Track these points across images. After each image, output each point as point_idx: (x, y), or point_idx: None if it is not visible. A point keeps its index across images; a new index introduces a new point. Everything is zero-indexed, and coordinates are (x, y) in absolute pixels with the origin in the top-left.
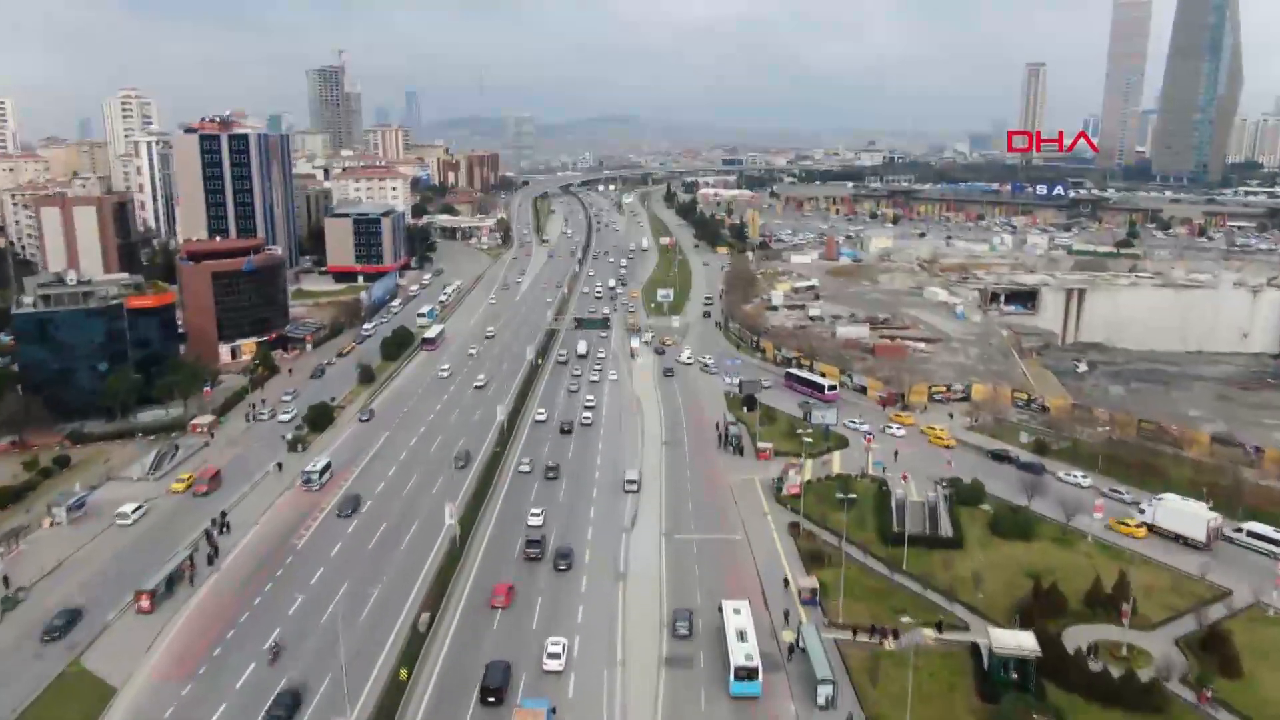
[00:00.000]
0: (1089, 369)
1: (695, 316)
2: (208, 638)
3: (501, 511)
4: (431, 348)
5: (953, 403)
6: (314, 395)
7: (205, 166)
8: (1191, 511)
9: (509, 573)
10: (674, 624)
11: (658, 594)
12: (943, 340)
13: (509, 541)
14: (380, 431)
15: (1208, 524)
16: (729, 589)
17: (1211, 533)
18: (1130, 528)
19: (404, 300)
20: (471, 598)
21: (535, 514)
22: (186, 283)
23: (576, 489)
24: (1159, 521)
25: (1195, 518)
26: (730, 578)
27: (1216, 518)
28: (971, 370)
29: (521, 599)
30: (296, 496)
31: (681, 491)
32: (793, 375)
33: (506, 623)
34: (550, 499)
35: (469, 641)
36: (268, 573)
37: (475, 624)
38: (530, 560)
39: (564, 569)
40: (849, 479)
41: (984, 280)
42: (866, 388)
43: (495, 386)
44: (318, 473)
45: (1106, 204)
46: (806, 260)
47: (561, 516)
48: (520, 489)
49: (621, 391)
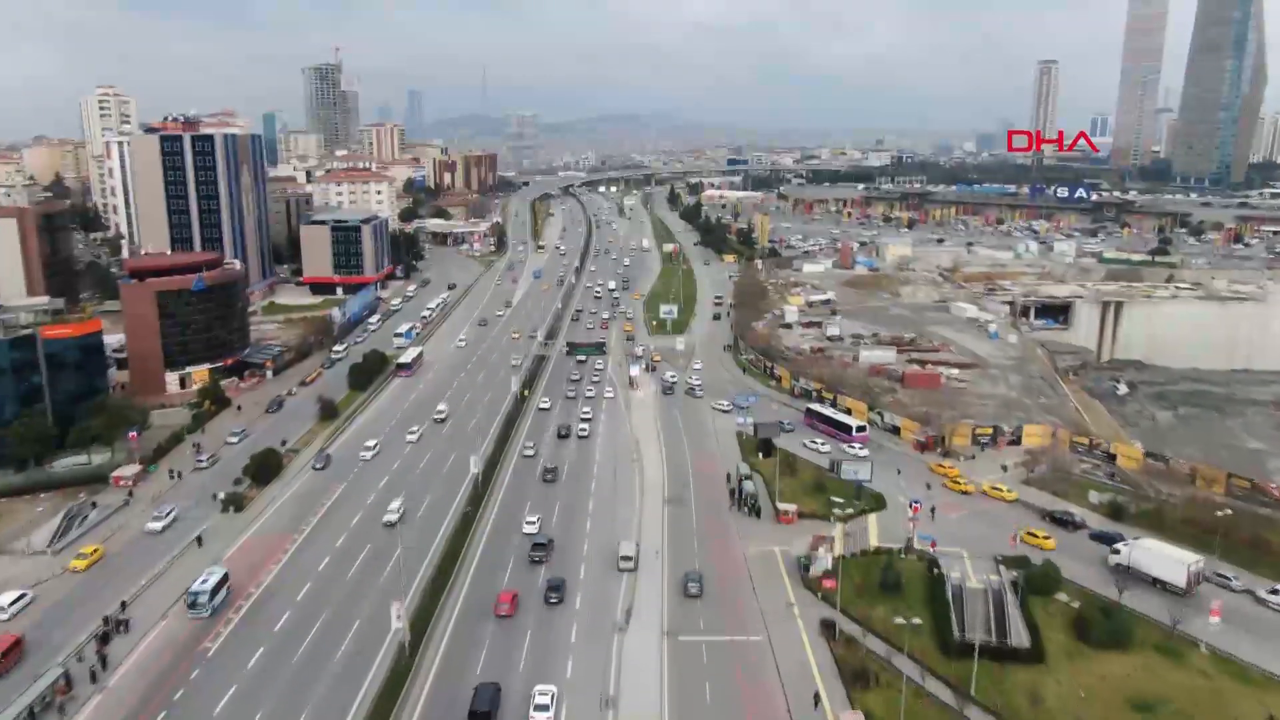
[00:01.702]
0: (1130, 390)
1: (702, 334)
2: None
3: (466, 601)
4: (407, 374)
5: (998, 443)
6: (266, 435)
7: (167, 170)
8: (1172, 555)
9: (465, 695)
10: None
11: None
12: (979, 366)
13: (471, 653)
14: (335, 484)
15: (1188, 568)
16: (748, 713)
17: (1192, 578)
18: (1039, 539)
19: (384, 316)
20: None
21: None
22: (128, 304)
23: (562, 565)
24: (1135, 564)
25: (1175, 562)
26: (750, 702)
27: (1198, 561)
28: (1016, 405)
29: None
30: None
31: (688, 569)
32: (814, 413)
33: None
34: (530, 582)
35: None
36: (163, 698)
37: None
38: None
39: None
40: (892, 557)
41: (1012, 292)
42: (900, 428)
43: (474, 423)
44: (208, 593)
45: (1131, 207)
46: (820, 269)
47: (540, 616)
48: (492, 567)
49: (618, 432)
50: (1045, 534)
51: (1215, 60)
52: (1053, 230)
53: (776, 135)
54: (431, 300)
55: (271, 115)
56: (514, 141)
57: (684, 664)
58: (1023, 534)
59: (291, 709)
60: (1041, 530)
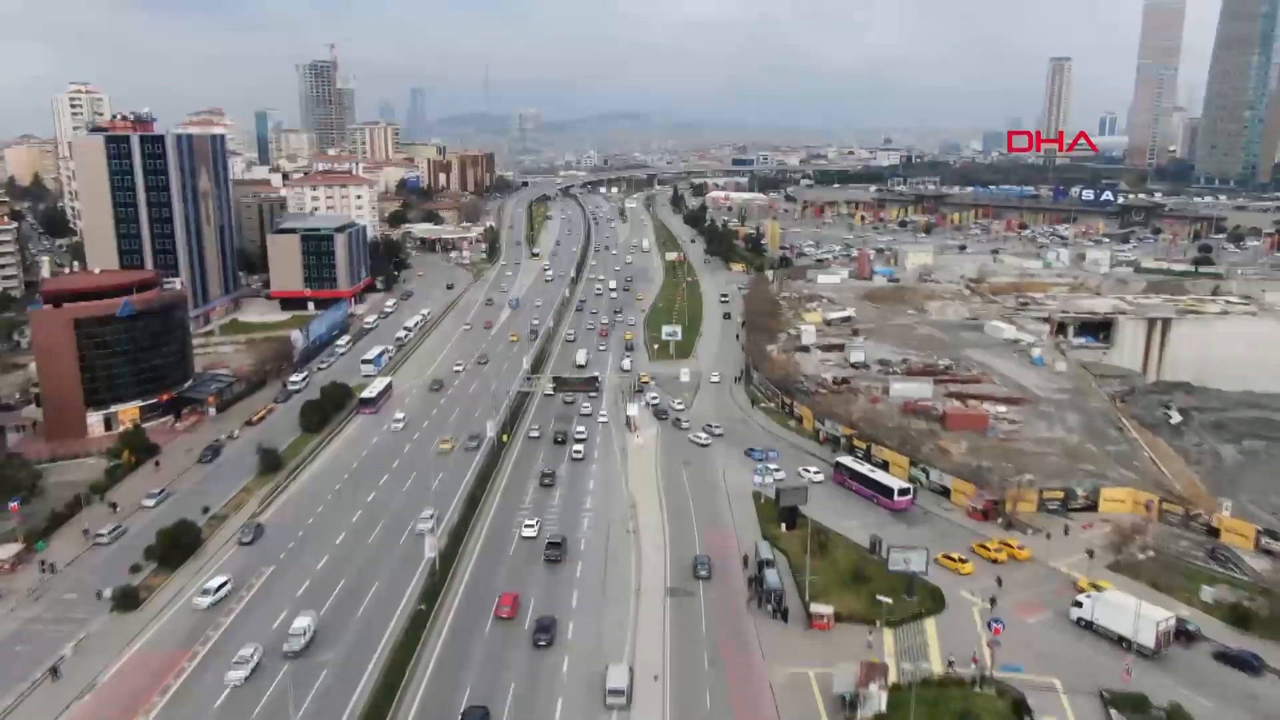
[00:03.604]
0: (1183, 419)
1: (709, 359)
2: None
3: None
4: (371, 411)
5: (1066, 507)
6: (191, 495)
7: (113, 175)
8: (1140, 609)
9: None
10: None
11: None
12: (1028, 400)
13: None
14: (263, 565)
15: (1157, 626)
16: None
17: (1162, 637)
18: (954, 563)
19: (356, 336)
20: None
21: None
22: (39, 334)
23: (530, 704)
24: (1097, 619)
25: (1144, 618)
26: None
27: (1169, 618)
28: (1080, 453)
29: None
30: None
31: (697, 707)
32: (845, 468)
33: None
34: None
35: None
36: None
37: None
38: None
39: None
40: (967, 694)
41: (1048, 307)
42: (950, 489)
43: (439, 481)
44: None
45: (1161, 211)
46: (835, 280)
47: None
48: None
49: (611, 493)
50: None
51: (1241, 56)
52: (1080, 236)
53: (779, 133)
54: (410, 318)
55: (263, 114)
56: (516, 140)
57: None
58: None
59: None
60: (993, 542)
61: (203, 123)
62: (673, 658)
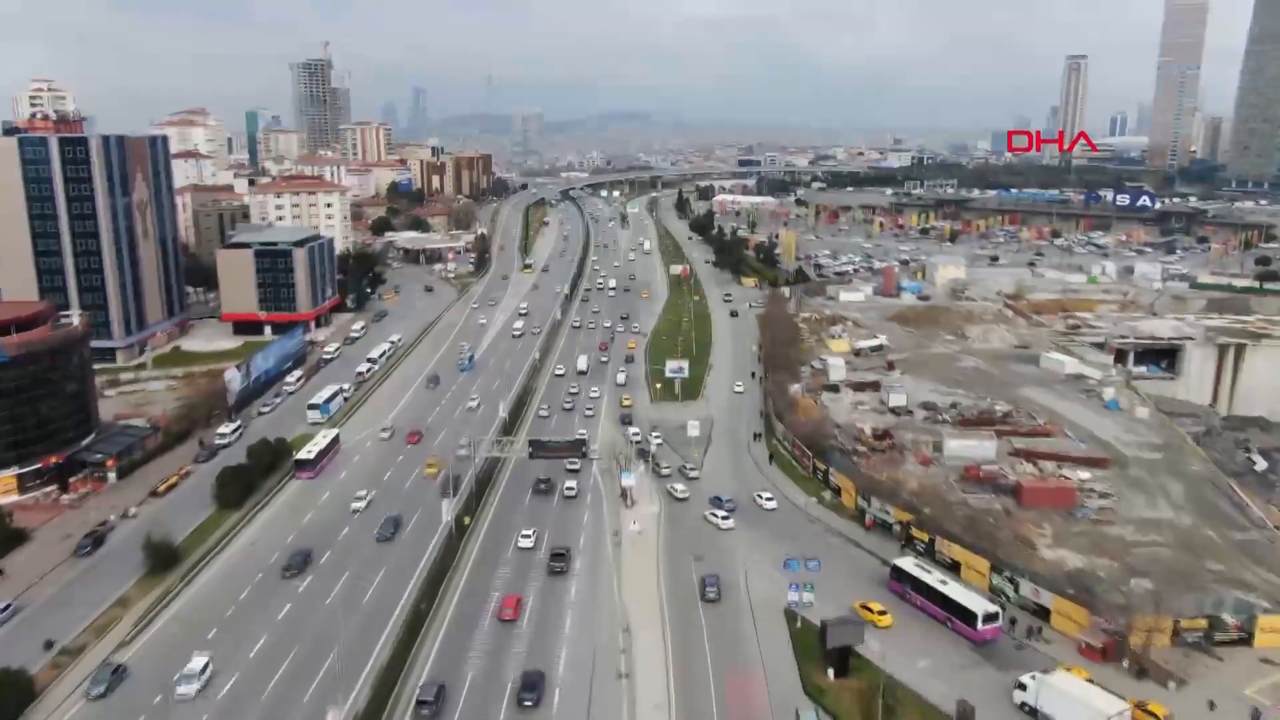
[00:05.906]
0: (1268, 464)
1: (721, 403)
2: None
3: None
4: (309, 475)
5: (1213, 644)
6: (47, 611)
7: (29, 183)
8: (1091, 698)
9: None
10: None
11: None
12: (1114, 463)
13: None
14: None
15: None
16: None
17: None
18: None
19: (311, 369)
20: None
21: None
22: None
23: None
24: (1042, 707)
25: (1094, 710)
26: None
27: (1125, 710)
28: (1198, 544)
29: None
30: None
31: None
32: (906, 577)
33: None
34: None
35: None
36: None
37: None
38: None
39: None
40: None
41: (1101, 330)
42: (1050, 609)
43: (377, 594)
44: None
45: (1203, 217)
46: (859, 297)
47: None
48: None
49: (598, 610)
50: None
51: (1275, 52)
52: (1120, 245)
53: (783, 132)
54: (378, 346)
55: (254, 113)
56: (518, 141)
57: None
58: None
59: None
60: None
61: (182, 123)
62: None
